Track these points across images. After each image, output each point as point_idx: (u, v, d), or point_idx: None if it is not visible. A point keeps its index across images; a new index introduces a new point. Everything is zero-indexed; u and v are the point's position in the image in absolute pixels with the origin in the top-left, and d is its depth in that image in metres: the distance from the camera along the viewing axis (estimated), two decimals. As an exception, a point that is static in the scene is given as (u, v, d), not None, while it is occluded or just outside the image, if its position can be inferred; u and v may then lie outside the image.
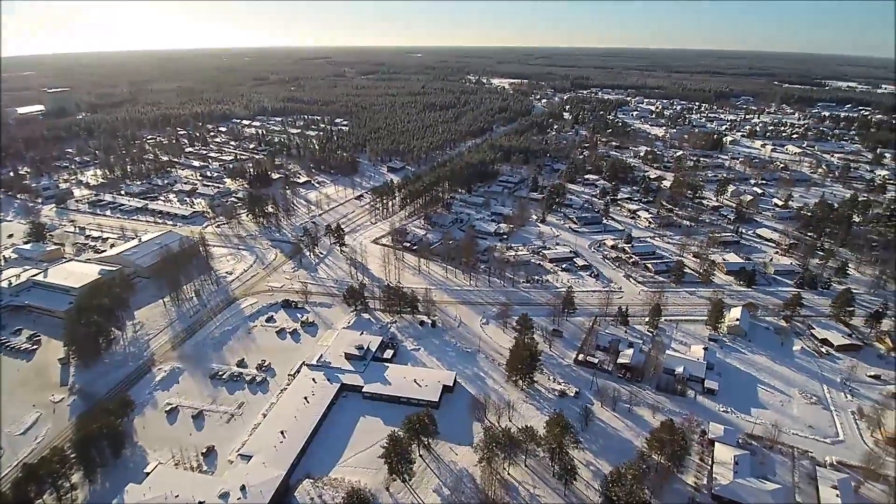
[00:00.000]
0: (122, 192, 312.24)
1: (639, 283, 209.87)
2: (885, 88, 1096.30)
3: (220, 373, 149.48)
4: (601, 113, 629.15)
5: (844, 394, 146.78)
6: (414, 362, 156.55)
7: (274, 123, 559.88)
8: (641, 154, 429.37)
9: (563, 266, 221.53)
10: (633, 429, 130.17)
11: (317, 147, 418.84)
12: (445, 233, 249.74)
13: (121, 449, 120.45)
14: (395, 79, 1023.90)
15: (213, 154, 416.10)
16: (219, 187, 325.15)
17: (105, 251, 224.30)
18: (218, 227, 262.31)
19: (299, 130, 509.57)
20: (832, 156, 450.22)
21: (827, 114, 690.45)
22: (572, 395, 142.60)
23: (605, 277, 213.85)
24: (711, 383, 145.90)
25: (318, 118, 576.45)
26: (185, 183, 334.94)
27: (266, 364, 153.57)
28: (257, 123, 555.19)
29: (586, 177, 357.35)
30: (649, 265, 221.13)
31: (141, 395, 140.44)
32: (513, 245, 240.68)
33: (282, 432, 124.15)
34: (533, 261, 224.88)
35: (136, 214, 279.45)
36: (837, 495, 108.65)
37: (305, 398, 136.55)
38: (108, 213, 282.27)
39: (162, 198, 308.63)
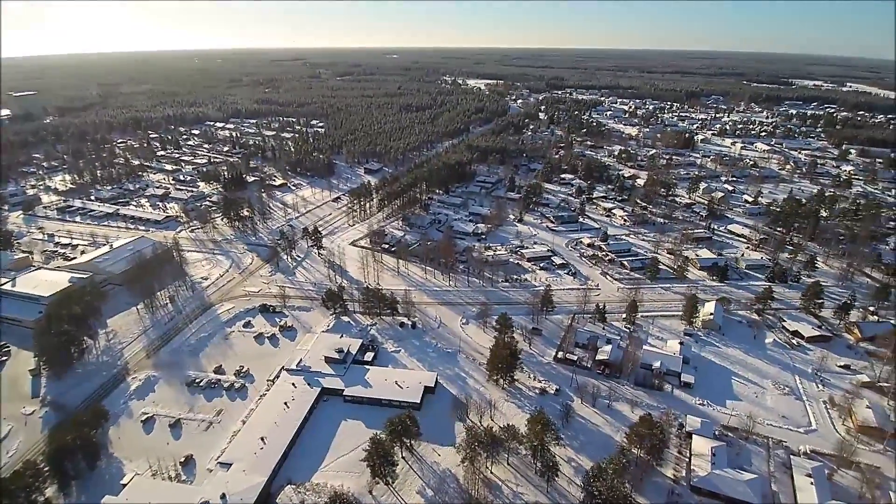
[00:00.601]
0: (93, 198, 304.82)
1: (615, 280, 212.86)
2: (850, 86, 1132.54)
3: (198, 380, 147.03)
4: (576, 113, 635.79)
5: (816, 384, 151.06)
6: (395, 364, 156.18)
7: (248, 126, 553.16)
8: (615, 153, 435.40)
9: (541, 265, 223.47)
10: (613, 424, 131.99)
11: (292, 149, 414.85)
12: (424, 234, 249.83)
13: (96, 461, 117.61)
14: (371, 80, 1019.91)
15: (186, 157, 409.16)
16: (192, 191, 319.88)
17: (75, 258, 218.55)
18: (192, 231, 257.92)
19: (274, 132, 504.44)
20: (799, 153, 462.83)
21: (794, 112, 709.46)
22: (553, 392, 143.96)
23: (583, 275, 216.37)
24: (687, 377, 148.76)
25: (294, 120, 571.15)
26: (158, 187, 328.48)
27: (244, 370, 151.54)
28: (231, 126, 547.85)
29: (562, 176, 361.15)
30: (625, 262, 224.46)
31: (115, 405, 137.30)
32: (491, 245, 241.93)
33: (262, 438, 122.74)
34: (511, 260, 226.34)
35: (106, 220, 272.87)
36: (812, 483, 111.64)
37: (285, 403, 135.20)
38: (77, 219, 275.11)
39: (134, 203, 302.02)
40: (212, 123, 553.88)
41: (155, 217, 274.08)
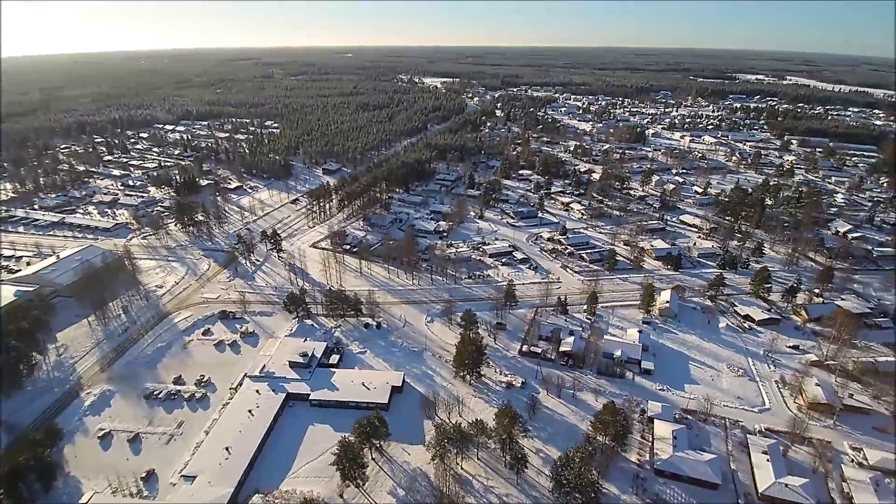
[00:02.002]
0: (36, 206, 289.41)
1: (575, 272, 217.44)
2: (789, 79, 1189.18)
3: (156, 392, 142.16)
4: (531, 110, 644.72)
5: (767, 365, 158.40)
6: (361, 365, 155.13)
7: (200, 128, 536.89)
8: (571, 148, 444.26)
9: (503, 260, 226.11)
10: (578, 413, 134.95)
11: (247, 151, 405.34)
12: (385, 233, 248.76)
13: (52, 481, 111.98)
14: (326, 79, 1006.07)
15: (134, 162, 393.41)
16: (143, 196, 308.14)
17: (20, 270, 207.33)
18: (144, 238, 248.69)
19: (227, 134, 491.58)
20: (744, 144, 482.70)
21: (738, 105, 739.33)
22: (519, 385, 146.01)
23: (544, 269, 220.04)
24: (647, 364, 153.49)
25: (247, 121, 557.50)
26: (106, 194, 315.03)
27: (205, 379, 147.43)
28: (182, 128, 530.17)
29: (520, 172, 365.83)
30: (584, 255, 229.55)
31: (70, 422, 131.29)
32: (453, 242, 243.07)
33: (227, 448, 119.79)
34: (473, 257, 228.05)
35: (52, 229, 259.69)
36: (768, 460, 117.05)
37: (250, 411, 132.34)
38: (20, 229, 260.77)
39: (80, 210, 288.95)
40: (161, 126, 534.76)
41: (104, 224, 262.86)
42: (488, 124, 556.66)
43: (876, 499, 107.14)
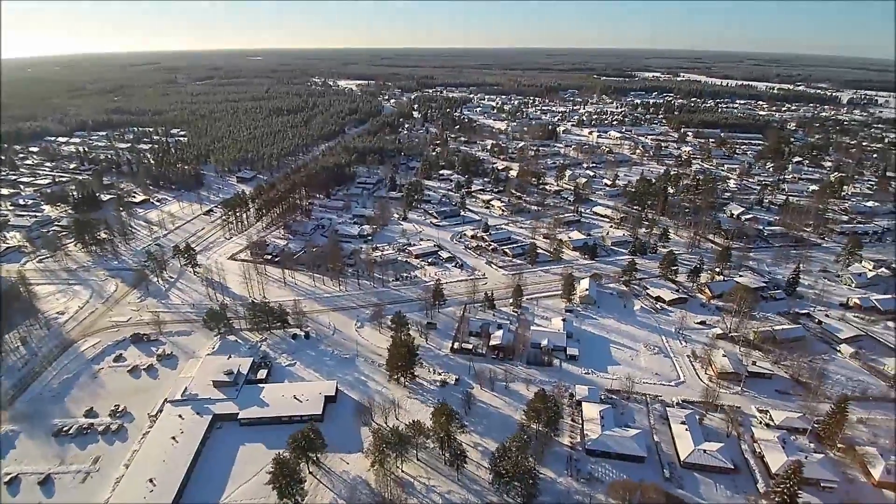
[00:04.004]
0: None
1: (500, 267, 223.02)
2: (683, 76, 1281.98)
3: (66, 428, 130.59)
4: (448, 110, 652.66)
5: (679, 341, 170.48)
6: (291, 378, 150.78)
7: (98, 138, 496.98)
8: (488, 147, 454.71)
9: (429, 260, 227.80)
10: (512, 404, 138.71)
11: (152, 161, 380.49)
12: (308, 240, 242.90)
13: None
14: (235, 83, 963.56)
15: (24, 179, 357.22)
16: (36, 216, 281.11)
17: None
18: (40, 261, 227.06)
19: (129, 144, 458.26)
20: (646, 138, 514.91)
21: (638, 101, 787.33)
22: (453, 382, 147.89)
23: (469, 266, 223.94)
24: (573, 350, 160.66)
25: (151, 130, 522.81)
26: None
27: (121, 409, 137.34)
28: (77, 140, 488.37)
29: (441, 172, 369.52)
30: (507, 250, 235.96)
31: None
32: (378, 245, 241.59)
33: (150, 480, 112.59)
34: (399, 258, 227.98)
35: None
36: (686, 429, 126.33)
37: (173, 438, 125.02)
38: None
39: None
40: (53, 139, 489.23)
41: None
42: (406, 126, 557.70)
43: (784, 455, 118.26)
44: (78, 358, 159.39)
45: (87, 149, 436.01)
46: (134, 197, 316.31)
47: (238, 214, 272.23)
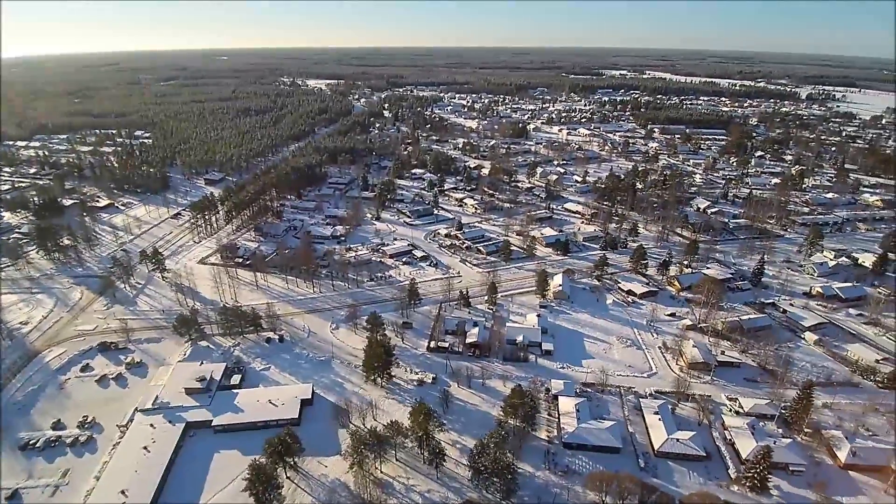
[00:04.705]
0: None
1: (474, 265, 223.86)
2: (648, 74, 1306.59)
3: (33, 441, 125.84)
4: (418, 109, 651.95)
5: (651, 333, 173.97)
6: (266, 383, 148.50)
7: (58, 142, 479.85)
8: (460, 146, 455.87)
9: (404, 260, 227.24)
10: (489, 401, 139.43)
11: (116, 165, 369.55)
12: (280, 242, 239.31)
13: None
14: (201, 84, 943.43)
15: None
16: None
17: None
18: (1, 270, 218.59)
19: (92, 148, 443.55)
20: (614, 134, 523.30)
21: (606, 99, 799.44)
22: (430, 381, 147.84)
23: (444, 265, 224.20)
24: (548, 345, 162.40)
25: (114, 132, 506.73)
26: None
27: (89, 420, 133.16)
28: (36, 144, 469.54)
29: (413, 171, 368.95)
30: (480, 248, 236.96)
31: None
32: (351, 246, 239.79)
33: (123, 492, 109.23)
34: (373, 259, 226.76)
35: None
36: (659, 419, 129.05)
37: (145, 448, 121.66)
38: None
39: None
40: (11, 143, 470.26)
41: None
42: (377, 125, 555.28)
43: (753, 441, 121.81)
44: (43, 369, 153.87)
45: (47, 153, 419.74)
46: (98, 201, 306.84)
47: (207, 217, 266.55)
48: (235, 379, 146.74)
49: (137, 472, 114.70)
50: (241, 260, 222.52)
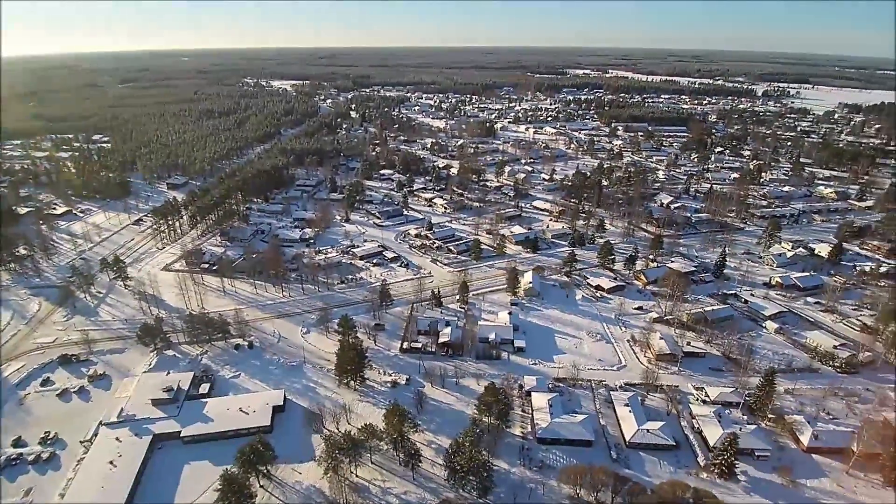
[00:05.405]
0: None
1: (445, 265, 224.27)
2: (611, 73, 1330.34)
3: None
4: (386, 109, 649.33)
5: (619, 327, 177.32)
6: (236, 391, 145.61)
7: (11, 147, 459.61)
8: (428, 146, 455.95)
9: (374, 261, 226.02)
10: (463, 399, 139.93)
11: (73, 170, 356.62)
12: (247, 246, 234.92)
13: None
14: (162, 85, 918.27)
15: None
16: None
17: None
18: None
19: (47, 153, 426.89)
20: (580, 133, 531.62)
21: (571, 98, 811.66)
22: (404, 382, 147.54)
23: (415, 265, 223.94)
24: (520, 342, 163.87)
25: (71, 136, 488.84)
26: None
27: (52, 436, 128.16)
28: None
29: (382, 172, 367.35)
30: (451, 247, 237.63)
31: None
32: (321, 248, 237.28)
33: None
34: (344, 261, 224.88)
35: None
36: (630, 411, 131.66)
37: (111, 462, 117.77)
38: None
39: None
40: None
41: None
42: (344, 126, 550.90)
43: (720, 428, 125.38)
44: (1, 384, 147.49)
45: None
46: (55, 209, 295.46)
47: (170, 223, 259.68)
48: (204, 388, 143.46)
49: (104, 487, 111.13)
50: (206, 265, 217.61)
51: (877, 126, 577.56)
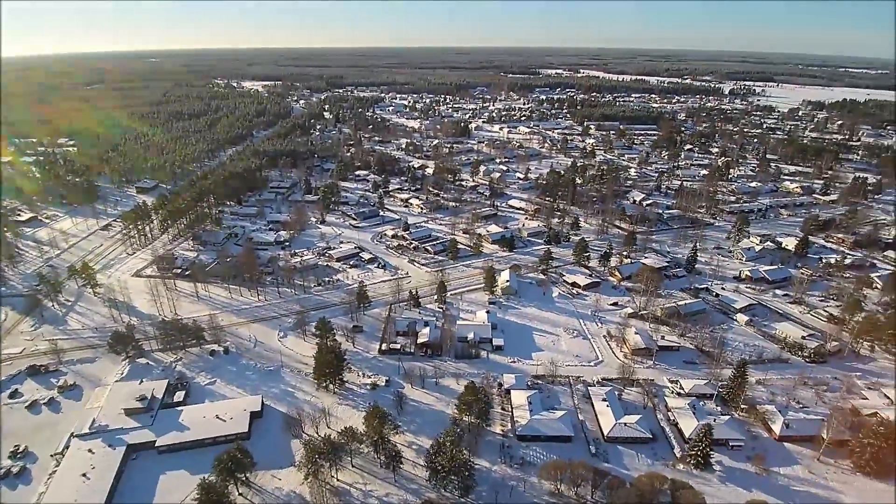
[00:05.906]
0: None
1: (422, 265, 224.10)
2: (583, 72, 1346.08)
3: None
4: (360, 110, 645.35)
5: (595, 323, 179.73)
6: (212, 398, 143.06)
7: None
8: (403, 146, 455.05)
9: (351, 262, 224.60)
10: (443, 399, 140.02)
11: (38, 175, 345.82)
12: (220, 250, 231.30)
13: None
14: (129, 87, 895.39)
15: None
16: None
17: None
18: None
19: (10, 158, 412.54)
20: (553, 132, 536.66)
21: (544, 97, 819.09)
22: (383, 384, 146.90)
23: (392, 266, 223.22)
24: (498, 341, 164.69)
25: (34, 141, 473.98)
26: None
27: (21, 449, 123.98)
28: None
29: (357, 173, 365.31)
30: (428, 247, 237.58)
31: None
32: (297, 251, 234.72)
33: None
34: (320, 263, 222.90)
35: None
36: (607, 405, 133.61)
37: (84, 475, 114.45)
38: None
39: None
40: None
41: None
42: (318, 127, 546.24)
43: (695, 420, 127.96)
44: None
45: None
46: (19, 215, 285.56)
47: (140, 227, 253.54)
48: (179, 395, 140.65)
49: (77, 501, 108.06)
50: (179, 270, 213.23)
51: (839, 122, 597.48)
